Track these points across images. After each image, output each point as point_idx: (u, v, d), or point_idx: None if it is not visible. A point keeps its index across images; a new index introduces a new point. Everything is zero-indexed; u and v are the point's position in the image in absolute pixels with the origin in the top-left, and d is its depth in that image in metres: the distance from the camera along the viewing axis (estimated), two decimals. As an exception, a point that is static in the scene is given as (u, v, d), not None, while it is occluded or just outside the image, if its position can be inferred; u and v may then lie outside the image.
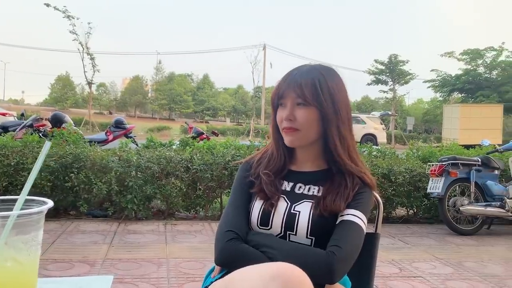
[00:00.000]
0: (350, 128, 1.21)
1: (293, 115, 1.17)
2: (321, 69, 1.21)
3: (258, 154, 1.33)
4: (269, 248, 1.10)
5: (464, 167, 4.71)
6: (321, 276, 1.04)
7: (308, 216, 1.14)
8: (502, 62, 28.64)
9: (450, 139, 19.43)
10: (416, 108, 61.96)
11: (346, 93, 1.22)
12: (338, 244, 1.08)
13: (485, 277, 3.27)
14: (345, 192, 1.16)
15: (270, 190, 1.20)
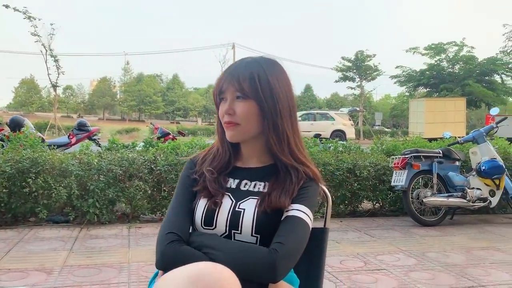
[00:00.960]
0: (293, 122, 1.18)
1: (233, 109, 1.14)
2: (262, 61, 1.18)
3: (203, 152, 1.29)
4: (211, 248, 1.06)
5: (426, 160, 4.80)
6: (263, 274, 1.01)
7: (253, 213, 1.11)
8: (464, 57, 29.59)
9: (416, 133, 19.92)
10: (384, 104, 63.29)
11: (289, 87, 1.19)
12: (281, 241, 1.05)
13: (446, 266, 3.33)
14: (290, 187, 1.13)
15: (214, 187, 1.16)
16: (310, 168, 1.18)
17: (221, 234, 1.12)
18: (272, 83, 1.14)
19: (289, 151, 1.16)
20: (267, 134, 1.15)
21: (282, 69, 1.20)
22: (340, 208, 5.22)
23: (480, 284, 2.96)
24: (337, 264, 3.30)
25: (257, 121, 1.14)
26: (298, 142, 1.18)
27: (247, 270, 1.02)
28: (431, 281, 2.99)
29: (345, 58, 31.55)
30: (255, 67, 1.14)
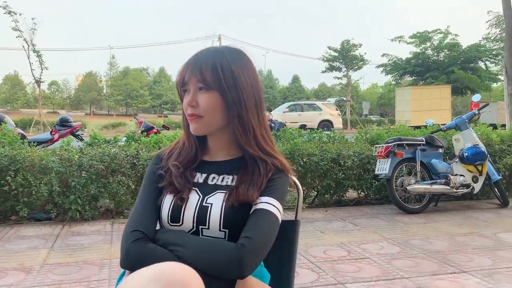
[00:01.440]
0: (259, 113, 1.15)
1: (195, 101, 1.10)
2: (226, 51, 1.14)
3: (170, 146, 1.25)
4: (177, 246, 1.03)
5: (409, 147, 4.81)
6: (230, 270, 0.98)
7: (221, 208, 1.08)
8: (448, 44, 29.81)
9: (403, 121, 20.05)
10: (371, 93, 63.56)
11: (254, 77, 1.15)
12: (248, 235, 1.02)
13: (429, 253, 3.35)
14: (258, 180, 1.11)
15: (180, 183, 1.13)
16: (278, 159, 1.15)
17: (188, 230, 1.09)
18: (236, 73, 1.10)
19: (256, 142, 1.13)
20: (232, 126, 1.12)
21: (247, 59, 1.16)
22: (325, 198, 5.23)
23: (462, 270, 2.98)
24: (320, 254, 3.30)
25: (221, 113, 1.11)
26: (265, 134, 1.15)
27: (213, 266, 0.99)
28: (413, 269, 3.00)
29: (331, 48, 31.60)
30: (218, 57, 1.11)
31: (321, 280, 2.77)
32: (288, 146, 5.03)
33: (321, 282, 2.73)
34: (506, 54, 9.69)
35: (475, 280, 2.80)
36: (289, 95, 54.95)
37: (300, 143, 5.12)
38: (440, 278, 2.83)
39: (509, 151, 5.52)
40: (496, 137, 5.61)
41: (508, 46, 9.55)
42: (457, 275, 2.90)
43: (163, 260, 0.95)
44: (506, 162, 5.44)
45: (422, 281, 2.77)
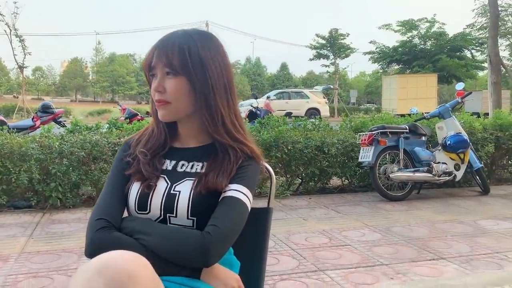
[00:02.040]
0: (229, 100, 1.12)
1: (162, 87, 1.07)
2: (195, 34, 1.10)
3: (139, 133, 1.22)
4: (142, 234, 1.01)
5: (392, 135, 4.83)
6: (195, 259, 0.97)
7: (189, 195, 1.06)
8: (435, 33, 29.96)
9: (389, 109, 20.18)
10: (359, 81, 63.71)
11: (224, 62, 1.12)
12: (215, 223, 1.00)
13: (410, 240, 3.38)
14: (228, 167, 1.08)
15: (148, 170, 1.10)
16: (248, 146, 1.13)
17: (155, 219, 1.07)
18: (204, 58, 1.07)
19: (225, 129, 1.10)
20: (201, 112, 1.09)
21: (217, 43, 1.13)
22: (309, 186, 5.25)
23: (441, 257, 3.02)
24: (302, 241, 3.31)
25: (189, 99, 1.08)
26: (234, 120, 1.12)
27: (178, 254, 0.98)
28: (393, 255, 3.03)
29: (319, 36, 31.49)
30: (186, 40, 1.07)
31: (301, 267, 2.78)
32: (273, 133, 5.01)
33: (301, 269, 2.74)
34: (490, 42, 9.77)
35: (453, 267, 2.83)
36: (278, 83, 54.80)
37: (285, 131, 5.11)
38: (419, 265, 2.86)
39: (491, 140, 5.58)
40: (479, 126, 5.67)
41: (492, 34, 9.62)
42: (435, 261, 2.93)
43: (129, 249, 0.93)
44: (488, 151, 5.50)
45: (401, 268, 2.80)
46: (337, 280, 2.58)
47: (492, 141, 5.57)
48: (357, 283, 2.54)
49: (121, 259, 0.82)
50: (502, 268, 2.82)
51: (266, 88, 53.96)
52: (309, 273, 2.67)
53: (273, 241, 3.29)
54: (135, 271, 0.81)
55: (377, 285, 2.51)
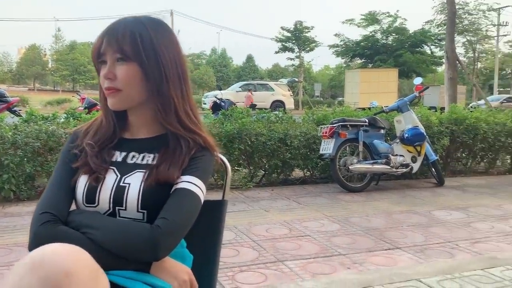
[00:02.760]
0: (182, 88, 1.09)
1: (113, 73, 1.04)
2: (147, 21, 1.07)
3: (87, 123, 1.18)
4: (89, 228, 0.98)
5: (353, 128, 4.93)
6: (144, 252, 0.95)
7: (139, 188, 1.03)
8: (396, 28, 30.76)
9: (352, 103, 20.56)
10: (323, 75, 64.49)
11: (177, 49, 1.09)
12: (165, 216, 0.98)
13: (367, 230, 3.47)
14: (180, 158, 1.06)
15: (95, 162, 1.07)
16: (202, 137, 1.11)
17: (104, 212, 1.04)
18: (157, 44, 1.04)
19: (177, 119, 1.08)
20: (153, 101, 1.07)
21: (169, 30, 1.10)
22: (272, 177, 5.29)
23: (396, 246, 3.12)
24: (263, 232, 3.33)
25: (140, 86, 1.05)
26: (188, 110, 1.10)
27: (127, 248, 0.95)
28: (351, 245, 3.10)
29: (284, 28, 31.62)
30: (137, 26, 1.04)
31: (261, 258, 2.80)
32: (236, 125, 5.00)
33: (261, 260, 2.76)
34: (447, 39, 10.10)
35: (408, 256, 2.93)
36: (243, 75, 54.70)
37: (248, 123, 5.11)
38: (376, 255, 2.94)
39: (447, 133, 5.79)
40: (435, 119, 5.86)
41: (449, 31, 9.95)
42: (391, 251, 3.03)
43: (75, 243, 0.90)
44: (443, 144, 5.71)
45: (358, 257, 2.87)
46: (295, 270, 2.61)
47: (447, 134, 5.79)
48: (315, 273, 2.59)
49: (57, 254, 0.78)
50: (453, 256, 2.95)
51: (232, 79, 53.73)
52: (268, 264, 2.70)
53: (234, 232, 3.30)
54: (72, 267, 0.77)
55: (335, 275, 2.56)
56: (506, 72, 47.17)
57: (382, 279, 2.41)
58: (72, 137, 1.15)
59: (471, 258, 2.90)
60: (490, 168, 6.39)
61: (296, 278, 2.50)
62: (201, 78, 52.40)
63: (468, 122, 5.92)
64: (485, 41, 37.76)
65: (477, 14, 32.96)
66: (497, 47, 38.00)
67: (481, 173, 6.36)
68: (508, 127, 6.15)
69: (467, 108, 8.21)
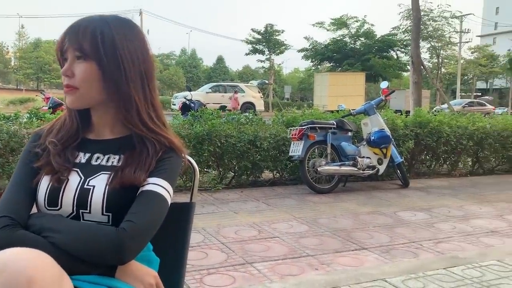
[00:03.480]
0: (145, 89, 1.07)
1: (71, 71, 1.01)
2: (110, 19, 1.05)
3: (51, 122, 1.15)
4: (51, 231, 0.95)
5: (321, 130, 5.00)
6: (109, 256, 0.92)
7: (104, 190, 1.01)
8: (364, 33, 31.45)
9: (320, 105, 20.85)
10: (293, 77, 65.07)
11: (142, 49, 1.07)
12: (131, 218, 0.96)
13: (335, 231, 3.52)
14: (146, 160, 1.04)
15: (58, 162, 1.04)
16: (168, 138, 1.09)
17: (67, 215, 1.01)
18: (119, 43, 1.02)
19: (140, 120, 1.06)
20: (114, 101, 1.05)
21: (135, 30, 1.08)
22: (242, 179, 5.29)
23: (363, 247, 3.17)
24: (232, 234, 3.32)
25: (98, 86, 1.02)
26: (151, 112, 1.08)
27: (91, 252, 0.93)
28: (319, 246, 3.14)
29: (255, 30, 31.73)
30: (100, 25, 1.02)
31: (229, 260, 2.79)
32: (206, 127, 4.98)
33: (230, 263, 2.75)
34: (413, 44, 10.40)
35: (374, 256, 2.99)
36: (214, 76, 54.55)
37: (218, 124, 5.10)
38: (343, 255, 2.99)
39: (411, 136, 5.95)
40: (401, 123, 6.02)
41: (415, 37, 10.24)
42: (358, 251, 3.08)
43: (36, 248, 0.87)
44: (408, 146, 5.86)
45: (326, 258, 2.90)
46: (264, 272, 2.62)
47: (412, 137, 5.95)
48: (283, 274, 2.60)
49: (19, 259, 0.76)
50: (417, 256, 3.03)
51: (202, 80, 53.47)
52: (237, 266, 2.69)
53: (202, 235, 3.28)
54: (35, 273, 0.75)
55: (302, 276, 2.58)
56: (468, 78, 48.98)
57: (349, 280, 2.45)
58: (34, 137, 1.11)
59: (434, 257, 2.99)
60: (453, 170, 6.61)
61: (265, 280, 2.50)
62: (170, 79, 51.89)
63: (432, 125, 6.10)
64: (448, 47, 39.10)
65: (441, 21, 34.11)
66: (459, 53, 39.42)
67: (444, 175, 6.56)
68: (469, 131, 6.38)
69: (431, 112, 8.46)
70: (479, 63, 44.74)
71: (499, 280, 2.48)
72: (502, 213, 4.31)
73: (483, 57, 45.85)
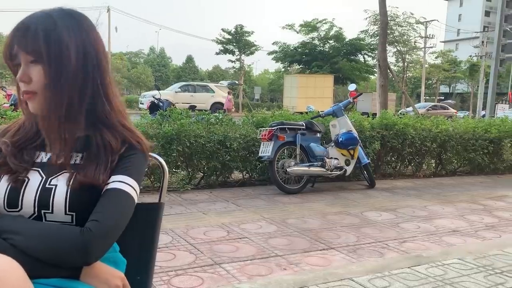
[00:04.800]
0: (104, 86, 1.04)
1: (28, 76, 0.97)
2: (59, 16, 0.99)
3: (10, 123, 1.11)
4: (12, 233, 0.91)
5: (291, 131, 5.04)
6: (74, 257, 0.89)
7: (66, 189, 0.97)
8: (333, 36, 32.00)
9: (290, 106, 21.02)
10: (263, 78, 65.37)
11: (96, 45, 1.03)
12: (96, 218, 0.93)
13: (303, 231, 3.55)
14: (109, 157, 1.01)
15: (14, 162, 0.99)
16: (133, 135, 1.06)
17: (29, 216, 0.97)
18: (70, 41, 0.97)
19: (99, 118, 1.03)
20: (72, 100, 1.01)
21: (87, 24, 1.03)
22: (211, 180, 5.26)
23: (330, 247, 3.22)
24: (200, 235, 3.30)
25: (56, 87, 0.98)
26: (111, 109, 1.05)
27: (54, 254, 0.89)
28: (287, 247, 3.16)
29: (225, 30, 31.67)
30: (49, 22, 0.97)
31: (198, 261, 2.77)
32: (175, 126, 4.92)
33: (198, 264, 2.73)
34: (380, 48, 10.65)
35: (341, 256, 3.04)
36: (183, 75, 54.04)
37: (187, 124, 5.05)
38: (311, 255, 3.02)
39: (378, 138, 6.08)
40: (367, 125, 6.14)
41: (382, 41, 10.49)
42: (325, 251, 3.12)
43: None
44: (374, 148, 5.99)
45: (294, 258, 2.92)
46: (232, 273, 2.61)
47: (378, 139, 6.08)
48: (252, 274, 2.60)
49: None
50: (383, 255, 3.09)
51: (171, 80, 52.89)
52: (205, 267, 2.67)
53: (170, 236, 3.24)
54: (2, 277, 0.72)
55: (271, 276, 2.59)
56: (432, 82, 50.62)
57: (317, 279, 2.47)
58: None
59: (399, 256, 3.06)
60: (417, 171, 6.80)
61: (233, 281, 2.49)
62: (138, 77, 51.04)
63: (398, 127, 6.26)
64: (413, 51, 40.26)
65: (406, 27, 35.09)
66: (424, 58, 40.69)
67: (409, 176, 6.74)
68: (433, 133, 6.58)
69: (397, 115, 8.67)
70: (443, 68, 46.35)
71: (461, 278, 2.56)
72: (463, 213, 4.47)
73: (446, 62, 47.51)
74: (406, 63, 39.55)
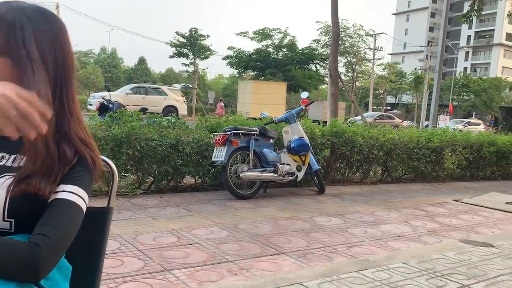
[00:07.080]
0: (62, 90, 0.98)
1: None
2: (31, 11, 0.95)
3: None
4: None
5: (244, 137, 5.05)
6: (21, 275, 0.83)
7: (6, 194, 0.91)
8: (287, 45, 32.60)
9: (244, 112, 21.10)
10: (217, 83, 65.26)
11: (63, 45, 0.98)
12: (45, 232, 0.87)
13: (255, 237, 3.56)
14: (61, 168, 0.96)
15: None
16: (91, 153, 1.01)
17: None
18: (37, 40, 0.93)
19: (57, 125, 0.97)
20: None
21: (56, 25, 0.99)
22: (162, 184, 5.16)
23: (281, 251, 3.24)
24: (150, 241, 3.22)
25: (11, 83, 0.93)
26: (66, 114, 0.99)
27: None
28: (239, 252, 3.15)
29: (179, 34, 31.35)
30: (18, 16, 0.93)
31: (147, 268, 2.70)
32: (125, 129, 4.79)
33: (147, 270, 2.66)
34: (331, 58, 10.94)
35: (291, 260, 3.07)
36: (135, 77, 52.84)
37: (138, 127, 4.93)
38: (262, 260, 3.03)
39: (328, 145, 6.23)
40: (318, 132, 6.27)
41: (333, 51, 10.78)
42: (276, 256, 3.14)
43: None
44: (324, 154, 6.13)
45: (245, 264, 2.92)
46: (182, 279, 2.57)
47: (328, 146, 6.23)
48: (202, 281, 2.57)
49: None
50: (332, 260, 3.16)
51: (122, 81, 51.56)
52: (154, 274, 2.61)
53: (118, 242, 3.13)
54: None
55: (222, 282, 2.57)
56: (379, 92, 52.69)
57: (267, 284, 2.48)
58: None
59: (347, 261, 3.13)
60: (364, 178, 7.02)
61: (183, 287, 2.45)
62: (87, 78, 49.37)
63: (347, 135, 6.44)
64: (362, 62, 41.77)
65: (357, 38, 36.37)
66: (372, 69, 42.26)
67: (357, 182, 6.95)
68: (380, 142, 6.83)
69: (346, 123, 8.93)
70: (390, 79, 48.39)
71: (405, 281, 2.66)
72: (407, 219, 4.66)
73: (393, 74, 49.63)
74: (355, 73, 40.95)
